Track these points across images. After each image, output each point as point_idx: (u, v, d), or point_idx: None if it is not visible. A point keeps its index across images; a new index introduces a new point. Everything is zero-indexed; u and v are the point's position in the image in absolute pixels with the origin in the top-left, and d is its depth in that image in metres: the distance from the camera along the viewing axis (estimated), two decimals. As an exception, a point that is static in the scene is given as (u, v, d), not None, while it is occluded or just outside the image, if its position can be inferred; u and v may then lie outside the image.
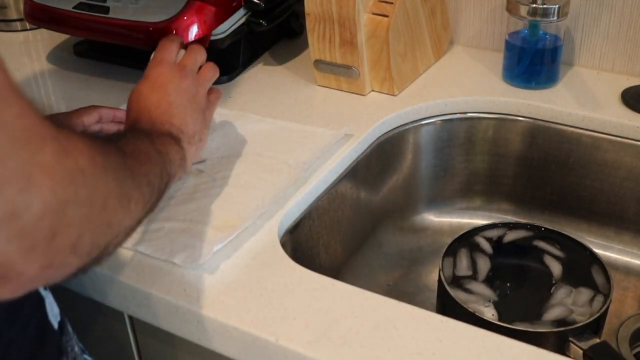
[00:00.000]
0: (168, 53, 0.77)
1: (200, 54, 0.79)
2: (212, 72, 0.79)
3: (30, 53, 1.17)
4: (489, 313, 0.80)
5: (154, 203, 0.60)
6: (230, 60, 1.05)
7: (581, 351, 0.74)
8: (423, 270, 0.98)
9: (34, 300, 0.60)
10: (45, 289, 0.62)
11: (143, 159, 0.59)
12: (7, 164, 0.41)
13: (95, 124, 0.85)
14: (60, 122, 0.77)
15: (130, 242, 0.72)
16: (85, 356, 0.67)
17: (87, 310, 0.80)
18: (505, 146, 0.99)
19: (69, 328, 0.65)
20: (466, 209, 1.04)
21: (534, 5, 0.94)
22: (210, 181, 0.81)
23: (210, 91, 0.79)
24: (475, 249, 0.88)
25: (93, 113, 0.84)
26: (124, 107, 0.96)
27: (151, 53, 0.79)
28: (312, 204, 0.82)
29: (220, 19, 0.96)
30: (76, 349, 0.65)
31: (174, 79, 0.74)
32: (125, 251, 0.72)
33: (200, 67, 0.80)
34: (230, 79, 1.04)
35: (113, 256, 0.71)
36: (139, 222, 0.58)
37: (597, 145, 0.93)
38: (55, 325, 0.62)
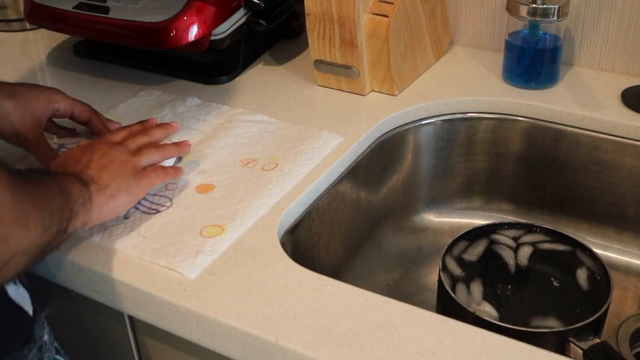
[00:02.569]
0: (109, 135, 0.79)
1: (142, 138, 0.79)
2: (153, 150, 0.78)
3: (30, 53, 1.17)
4: (489, 313, 0.80)
5: (54, 235, 0.60)
6: (230, 60, 1.05)
7: (581, 351, 0.74)
8: (423, 270, 0.98)
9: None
10: (15, 282, 0.63)
11: (43, 188, 0.60)
12: None
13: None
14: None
15: (130, 247, 0.72)
16: (56, 345, 0.68)
17: (87, 310, 0.80)
18: (505, 146, 0.99)
19: (43, 320, 0.66)
20: (466, 209, 1.04)
21: (534, 5, 0.93)
22: (210, 183, 0.82)
23: (164, 169, 0.79)
24: (475, 249, 0.88)
25: (79, 111, 0.86)
26: (121, 106, 0.97)
27: (151, 53, 0.80)
28: (312, 204, 0.82)
29: (220, 19, 0.96)
30: (45, 337, 0.66)
31: (102, 148, 0.75)
32: (125, 252, 0.72)
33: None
34: (230, 79, 1.04)
35: (113, 256, 0.71)
36: (40, 251, 0.58)
37: (597, 145, 0.93)
38: (30, 312, 0.63)
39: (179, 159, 0.85)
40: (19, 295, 0.63)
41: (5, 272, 0.53)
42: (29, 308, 0.64)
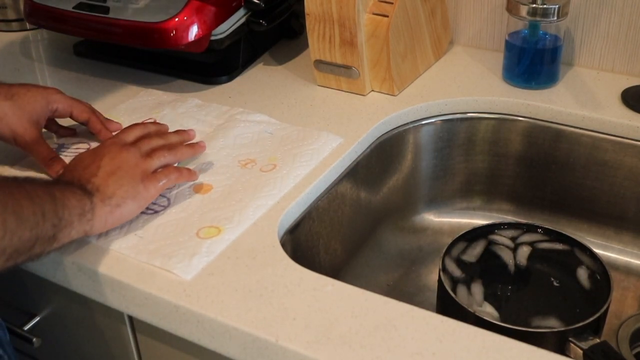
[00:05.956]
0: (123, 134, 0.79)
1: (157, 140, 0.79)
2: (165, 153, 0.77)
3: (30, 53, 1.17)
4: (490, 314, 0.80)
5: (27, 240, 0.61)
6: (230, 60, 1.05)
7: (581, 351, 0.74)
8: (423, 270, 0.98)
9: None
10: None
11: (18, 195, 0.61)
12: None
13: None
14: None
15: (127, 248, 0.72)
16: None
17: (87, 310, 0.80)
18: (505, 146, 0.99)
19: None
20: (466, 209, 1.04)
21: (534, 5, 0.93)
22: (208, 183, 0.82)
23: (177, 170, 0.78)
24: (475, 248, 0.88)
25: (79, 111, 0.86)
26: (121, 106, 0.97)
27: (151, 53, 0.80)
28: (312, 204, 0.82)
29: (220, 19, 0.96)
30: None
31: (113, 150, 0.75)
32: (125, 252, 0.72)
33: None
34: (230, 79, 1.04)
35: (112, 256, 0.71)
36: (7, 254, 0.58)
37: (597, 145, 0.93)
38: None
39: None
40: None
41: None
42: None
